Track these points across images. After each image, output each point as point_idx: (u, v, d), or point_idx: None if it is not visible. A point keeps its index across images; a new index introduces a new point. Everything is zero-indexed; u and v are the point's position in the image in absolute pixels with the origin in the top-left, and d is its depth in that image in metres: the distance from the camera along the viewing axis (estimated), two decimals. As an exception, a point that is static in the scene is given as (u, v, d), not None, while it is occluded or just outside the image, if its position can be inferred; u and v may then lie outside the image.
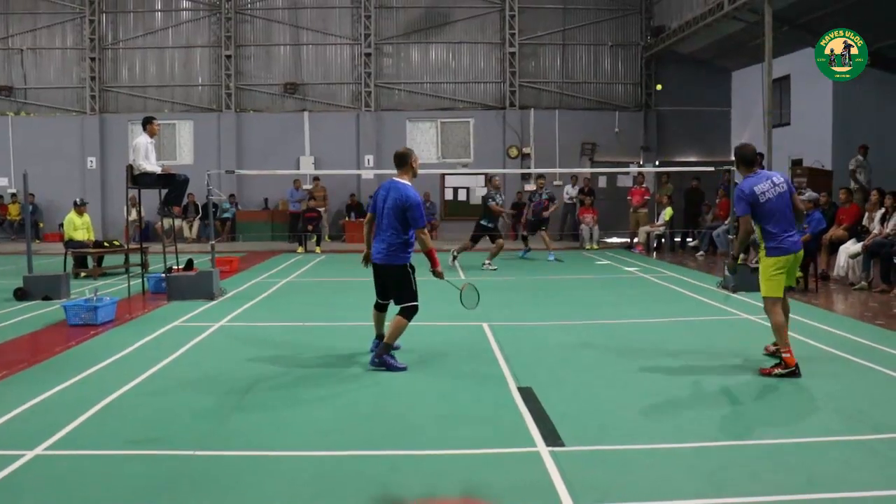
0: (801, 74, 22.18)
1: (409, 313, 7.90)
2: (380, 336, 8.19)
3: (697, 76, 27.39)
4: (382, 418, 6.29)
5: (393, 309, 8.12)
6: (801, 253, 7.89)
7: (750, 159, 7.86)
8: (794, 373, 7.32)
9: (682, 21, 23.93)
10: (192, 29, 27.71)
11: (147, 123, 13.22)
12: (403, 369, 7.71)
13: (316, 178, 25.72)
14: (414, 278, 7.97)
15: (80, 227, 16.64)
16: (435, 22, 27.52)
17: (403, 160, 8.14)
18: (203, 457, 5.37)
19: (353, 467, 5.20)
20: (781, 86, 22.85)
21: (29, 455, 5.34)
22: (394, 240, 7.87)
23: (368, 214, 8.40)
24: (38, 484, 4.91)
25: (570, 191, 25.50)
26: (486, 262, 17.17)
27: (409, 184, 8.03)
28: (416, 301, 7.95)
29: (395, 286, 8.00)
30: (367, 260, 8.49)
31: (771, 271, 7.63)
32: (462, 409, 6.50)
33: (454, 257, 17.11)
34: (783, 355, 7.43)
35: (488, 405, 6.61)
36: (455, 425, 6.07)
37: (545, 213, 19.73)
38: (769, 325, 7.80)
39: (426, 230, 7.99)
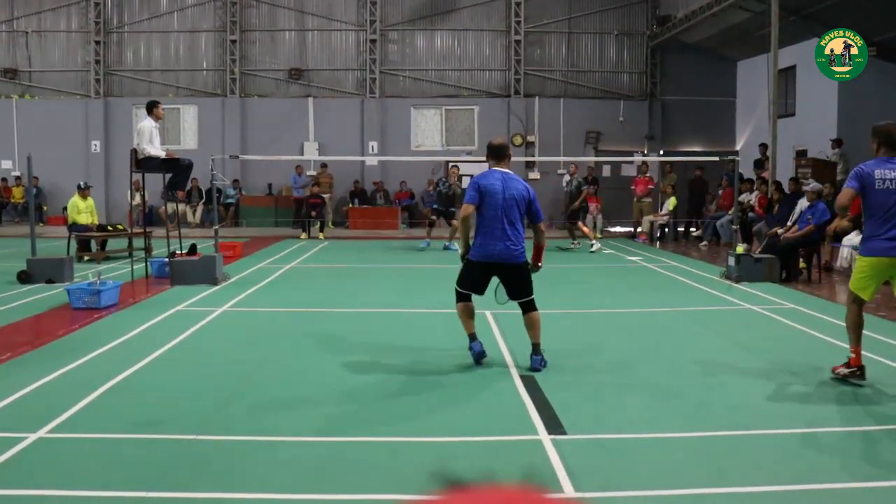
0: (807, 65, 22.03)
1: (534, 304, 7.51)
2: (473, 334, 7.50)
3: (703, 66, 27.27)
4: (384, 405, 6.30)
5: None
6: None
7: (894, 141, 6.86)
8: (856, 373, 6.79)
9: (688, 10, 23.83)
10: (198, 13, 27.63)
11: (152, 107, 13.21)
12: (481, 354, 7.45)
13: (323, 165, 25.71)
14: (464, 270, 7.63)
15: (83, 211, 16.64)
16: (440, 9, 27.42)
17: (504, 151, 7.61)
18: (204, 441, 5.38)
19: (354, 453, 5.22)
20: (787, 76, 22.76)
21: (31, 437, 5.36)
22: (521, 234, 7.39)
23: (470, 207, 7.38)
24: (41, 466, 4.93)
25: (567, 179, 25.43)
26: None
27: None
28: (458, 286, 7.60)
29: (523, 282, 7.48)
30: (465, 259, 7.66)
31: (858, 273, 6.99)
32: (464, 397, 6.51)
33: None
34: (850, 355, 6.92)
35: (491, 393, 6.62)
36: (457, 413, 6.08)
37: (577, 203, 19.38)
38: (771, 314, 7.78)
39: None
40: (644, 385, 6.83)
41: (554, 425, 5.65)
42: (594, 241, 18.91)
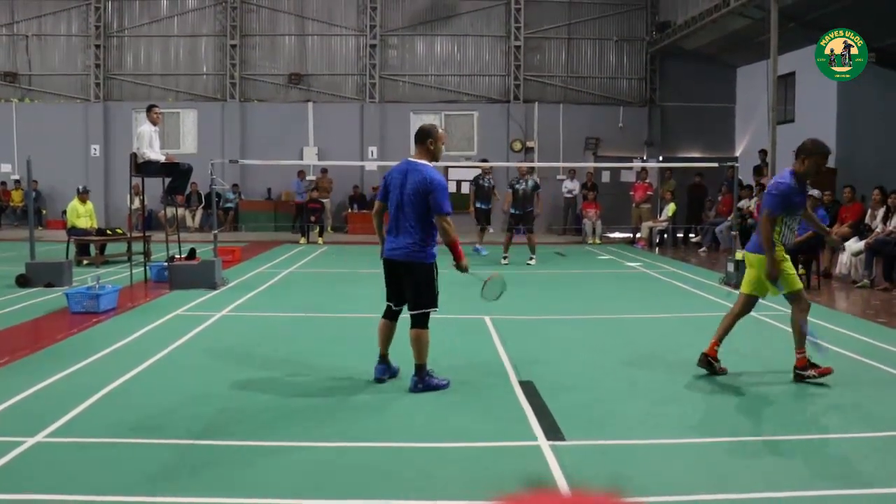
0: (807, 71, 22.10)
1: (424, 321, 6.80)
2: (384, 356, 7.07)
3: (702, 72, 27.32)
4: (383, 410, 6.30)
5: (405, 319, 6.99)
6: None
7: None
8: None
9: (687, 17, 23.87)
10: (198, 18, 27.67)
11: (147, 111, 13.23)
12: (446, 385, 6.86)
13: (324, 171, 25.73)
14: (436, 279, 6.89)
15: (83, 215, 16.64)
16: (440, 14, 27.47)
17: (423, 135, 6.88)
18: (203, 445, 5.38)
19: (353, 458, 5.21)
20: (786, 83, 22.78)
21: (30, 442, 5.35)
22: (416, 233, 6.68)
23: (377, 204, 7.06)
24: (39, 471, 4.91)
25: (568, 185, 25.49)
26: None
27: (429, 164, 6.86)
28: (436, 306, 6.88)
29: (414, 288, 6.78)
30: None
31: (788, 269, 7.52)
32: (463, 403, 6.50)
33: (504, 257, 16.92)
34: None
35: (489, 399, 6.61)
36: (456, 418, 6.07)
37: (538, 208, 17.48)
38: (770, 321, 7.79)
39: (449, 218, 6.73)
40: (643, 391, 6.82)
41: (553, 431, 5.65)
42: (485, 250, 18.08)
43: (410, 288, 6.82)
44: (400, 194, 6.75)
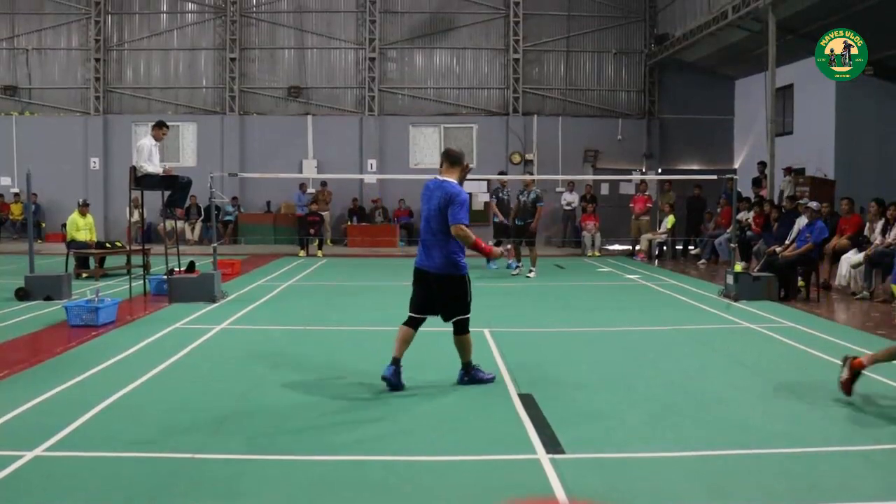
0: (805, 84, 22.19)
1: (464, 327, 7.31)
2: (396, 360, 7.22)
3: (700, 84, 27.40)
4: (381, 423, 6.28)
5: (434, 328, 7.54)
6: None
7: None
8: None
9: (685, 29, 23.96)
10: (197, 31, 27.75)
11: (157, 127, 13.25)
12: (492, 379, 7.43)
13: (323, 183, 25.77)
14: (469, 288, 7.31)
15: (82, 228, 16.65)
16: (439, 27, 27.55)
17: (457, 159, 7.38)
18: (202, 459, 5.36)
19: (350, 472, 5.19)
20: (784, 95, 22.84)
21: (28, 456, 5.34)
22: (444, 245, 7.12)
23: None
24: (37, 485, 4.90)
25: (567, 197, 25.53)
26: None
27: (455, 182, 7.26)
28: (468, 313, 7.34)
29: (449, 301, 7.23)
30: None
31: None
32: (462, 415, 6.49)
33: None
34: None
35: (488, 411, 6.60)
36: (455, 431, 6.06)
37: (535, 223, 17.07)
38: (769, 332, 7.78)
39: (464, 226, 7.03)
40: (643, 404, 6.81)
41: (552, 444, 5.63)
42: (516, 263, 17.67)
43: (444, 300, 7.26)
44: (428, 209, 7.22)
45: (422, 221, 7.37)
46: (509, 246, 15.55)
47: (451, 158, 7.39)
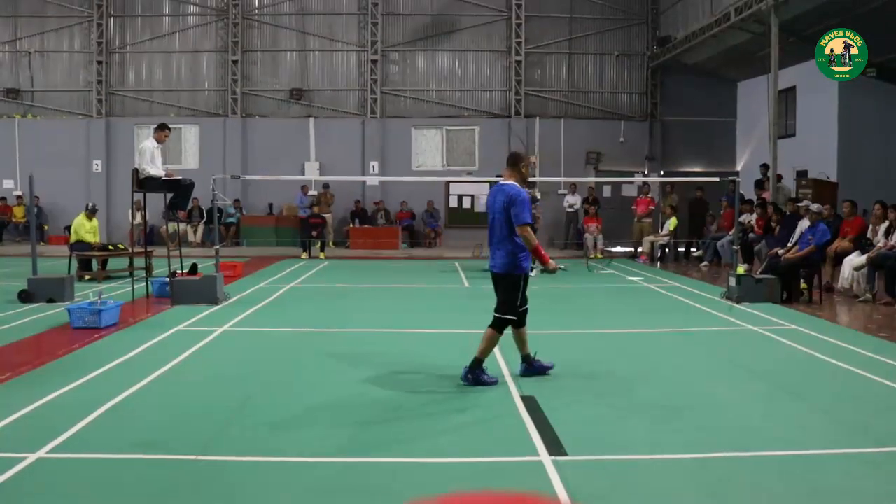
0: (807, 86, 22.19)
1: (499, 325, 7.57)
2: (526, 356, 7.83)
3: (703, 86, 27.40)
4: (383, 426, 6.29)
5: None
6: None
7: None
8: None
9: (688, 31, 23.95)
10: (200, 34, 27.78)
11: (159, 129, 13.27)
12: (495, 383, 7.48)
13: (325, 186, 25.79)
14: (524, 291, 7.66)
15: (88, 231, 16.66)
16: (441, 29, 27.57)
17: (513, 160, 7.74)
18: (205, 461, 5.37)
19: (354, 474, 5.20)
20: (787, 97, 22.84)
21: (31, 458, 5.34)
22: (507, 246, 7.48)
23: None
24: (40, 487, 4.91)
25: (570, 199, 25.53)
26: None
27: (516, 185, 7.57)
28: (515, 315, 7.62)
29: (500, 295, 7.62)
30: None
31: None
32: (464, 418, 6.49)
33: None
34: None
35: (491, 413, 6.60)
36: (457, 433, 6.07)
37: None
38: (772, 335, 7.77)
39: (529, 228, 7.39)
40: (645, 406, 6.81)
41: (555, 446, 5.64)
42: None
43: (498, 294, 7.66)
44: (492, 213, 7.60)
45: (489, 226, 7.72)
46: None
47: (509, 161, 7.77)
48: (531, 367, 7.81)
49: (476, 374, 7.47)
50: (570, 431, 5.98)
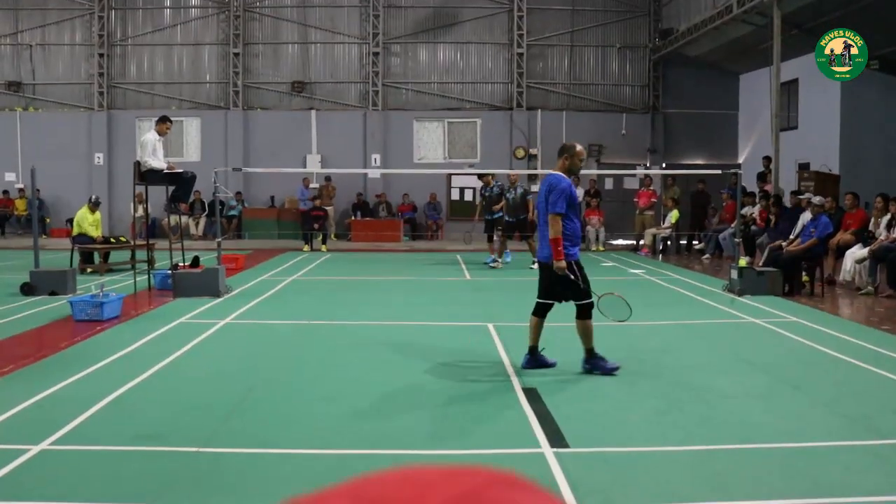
0: (810, 78, 22.11)
1: (583, 312, 7.66)
2: (533, 347, 7.82)
3: (705, 79, 27.34)
4: (386, 417, 6.30)
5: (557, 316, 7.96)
6: None
7: None
8: None
9: (690, 24, 23.89)
10: (201, 26, 27.75)
11: (161, 122, 13.26)
12: (617, 368, 7.63)
13: (327, 179, 25.77)
14: (583, 274, 7.72)
15: (91, 224, 16.65)
16: (443, 22, 27.51)
17: (560, 150, 8.07)
18: (207, 454, 5.38)
19: (356, 466, 5.20)
20: (789, 89, 22.79)
21: (34, 450, 5.36)
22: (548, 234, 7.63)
23: None
24: (43, 479, 4.93)
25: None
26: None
27: (562, 175, 7.76)
28: (587, 298, 7.70)
29: (560, 285, 7.69)
30: None
31: None
32: (466, 410, 6.50)
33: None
34: None
35: (493, 406, 6.61)
36: (459, 425, 6.08)
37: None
38: (774, 328, 7.78)
39: (559, 219, 7.51)
40: (647, 398, 6.81)
41: (557, 439, 5.64)
42: (497, 259, 17.65)
43: (558, 286, 7.70)
44: (540, 202, 7.79)
45: (540, 215, 7.87)
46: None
47: (558, 152, 8.07)
48: (535, 361, 7.79)
49: (593, 363, 7.65)
50: (572, 424, 5.99)
